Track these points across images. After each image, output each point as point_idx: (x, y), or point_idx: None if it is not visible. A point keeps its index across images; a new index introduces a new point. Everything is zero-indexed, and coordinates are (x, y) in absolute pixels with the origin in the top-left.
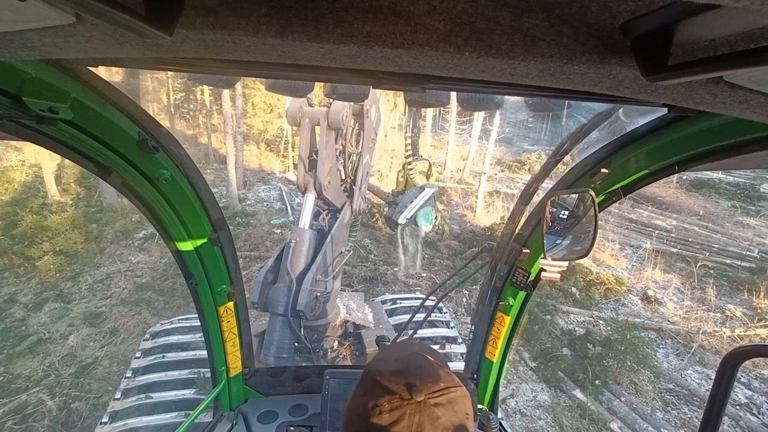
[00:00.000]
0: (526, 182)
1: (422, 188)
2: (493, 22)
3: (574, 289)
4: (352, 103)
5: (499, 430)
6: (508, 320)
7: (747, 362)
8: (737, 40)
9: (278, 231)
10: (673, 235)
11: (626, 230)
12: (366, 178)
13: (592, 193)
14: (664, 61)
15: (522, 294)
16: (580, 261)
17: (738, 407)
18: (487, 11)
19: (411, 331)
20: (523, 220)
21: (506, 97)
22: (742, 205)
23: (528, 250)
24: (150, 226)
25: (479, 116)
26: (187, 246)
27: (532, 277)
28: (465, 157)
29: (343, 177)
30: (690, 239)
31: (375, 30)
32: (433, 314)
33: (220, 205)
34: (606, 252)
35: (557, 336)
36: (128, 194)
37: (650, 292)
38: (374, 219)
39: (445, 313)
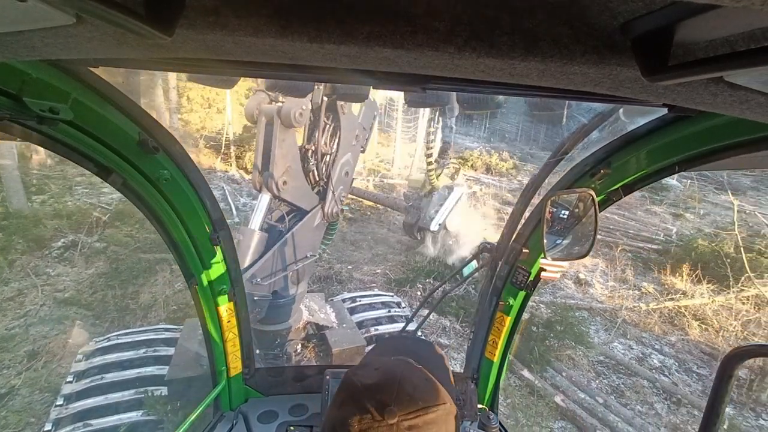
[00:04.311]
0: (488, 180)
1: (451, 188)
2: (493, 23)
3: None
4: (311, 100)
5: (499, 429)
6: (508, 320)
7: (659, 330)
8: (737, 40)
9: None
10: None
11: None
12: (345, 180)
13: (593, 193)
14: (664, 62)
15: (522, 294)
16: None
17: (654, 371)
18: (487, 11)
19: (373, 329)
20: (523, 220)
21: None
22: (650, 195)
23: (528, 250)
24: (72, 233)
25: (425, 114)
26: (187, 246)
27: (532, 277)
28: (412, 154)
29: (317, 178)
30: (611, 226)
31: (375, 30)
32: (392, 310)
33: None
34: None
35: None
36: (128, 194)
37: (581, 276)
38: None
39: (404, 308)
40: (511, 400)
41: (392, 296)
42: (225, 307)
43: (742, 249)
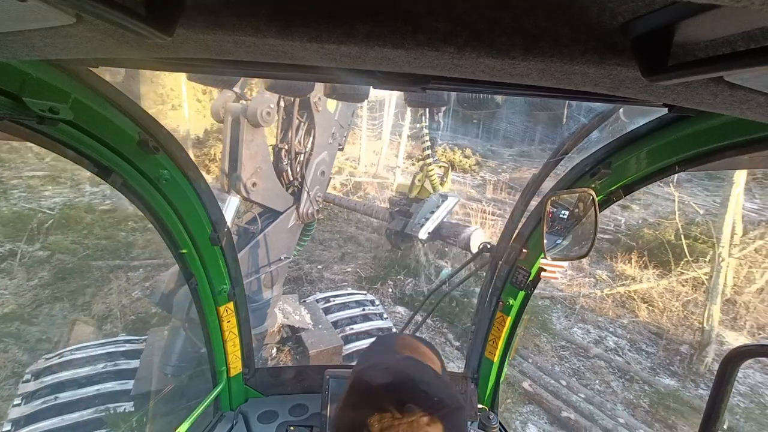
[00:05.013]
0: (452, 177)
1: (445, 197)
2: (493, 23)
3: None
4: (280, 97)
5: (499, 429)
6: (508, 320)
7: (612, 314)
8: (737, 40)
9: None
10: None
11: None
12: (321, 179)
13: (593, 193)
14: (664, 62)
15: (522, 294)
16: None
17: (609, 352)
18: (487, 11)
19: (349, 328)
20: (523, 220)
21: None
22: None
23: (527, 250)
24: (9, 241)
25: (390, 112)
26: (187, 246)
27: (531, 277)
28: (378, 151)
29: (290, 178)
30: None
31: (375, 30)
32: (366, 308)
33: (107, 207)
34: None
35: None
36: (128, 194)
37: None
38: None
39: (378, 305)
40: None
41: (365, 294)
42: (225, 307)
43: (681, 236)
